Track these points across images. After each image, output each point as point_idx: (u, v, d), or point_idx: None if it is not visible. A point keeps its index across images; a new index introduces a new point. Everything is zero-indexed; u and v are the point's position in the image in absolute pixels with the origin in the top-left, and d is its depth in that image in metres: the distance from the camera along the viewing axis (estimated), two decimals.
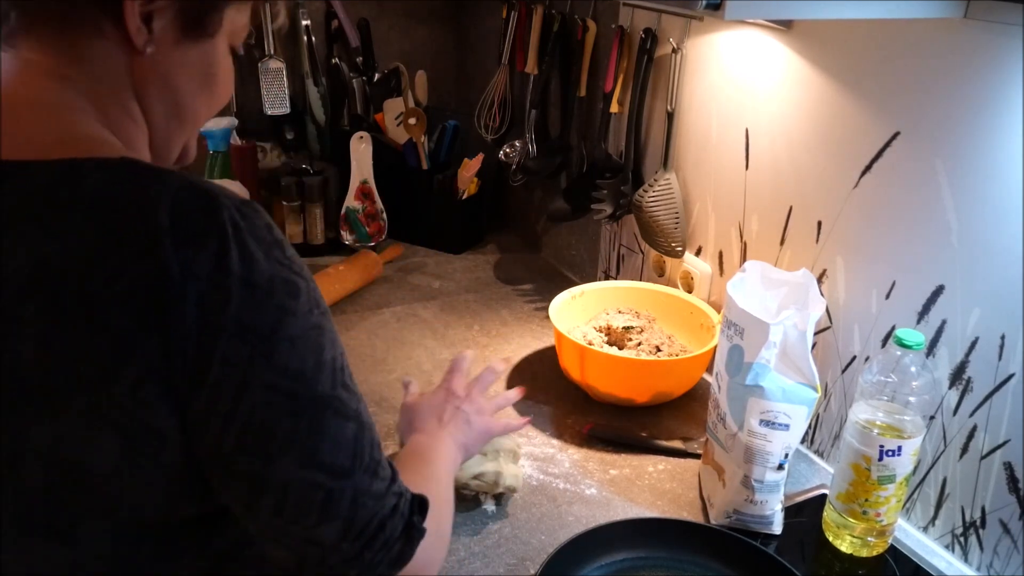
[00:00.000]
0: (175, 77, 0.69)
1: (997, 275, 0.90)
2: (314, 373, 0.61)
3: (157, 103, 0.69)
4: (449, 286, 1.69)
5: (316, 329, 0.62)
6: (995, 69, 0.87)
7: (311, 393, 0.61)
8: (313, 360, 0.61)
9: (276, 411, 0.60)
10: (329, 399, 0.62)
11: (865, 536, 0.98)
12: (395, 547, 0.67)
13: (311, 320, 0.62)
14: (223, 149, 1.64)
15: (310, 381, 0.61)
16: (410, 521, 0.68)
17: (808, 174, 1.12)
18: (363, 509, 0.64)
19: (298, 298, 0.61)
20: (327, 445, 0.62)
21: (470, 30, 2.01)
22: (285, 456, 0.61)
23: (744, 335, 0.97)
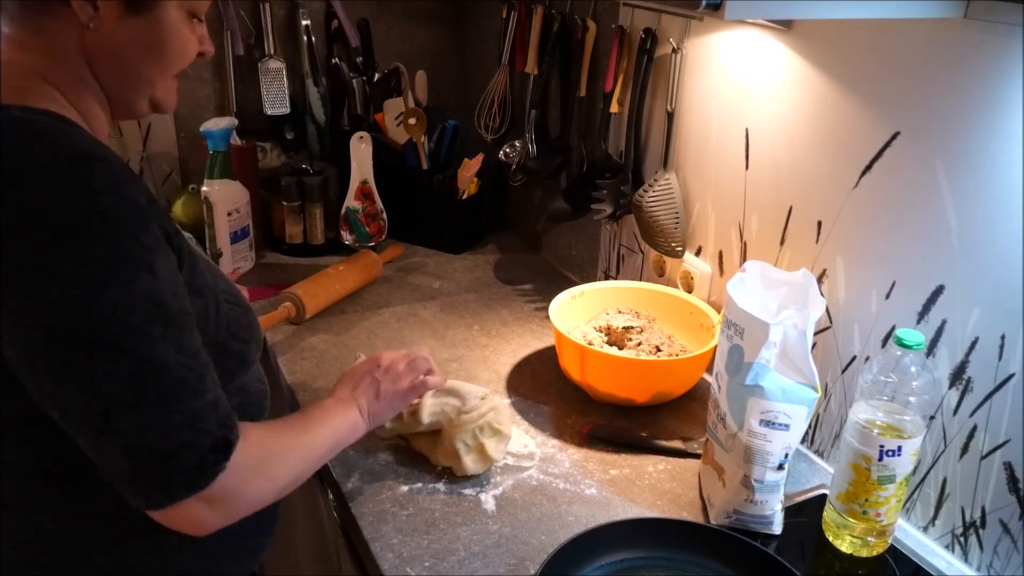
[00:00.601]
0: (122, 48, 0.80)
1: (997, 275, 0.90)
2: (86, 311, 0.70)
3: (107, 70, 0.81)
4: (449, 286, 1.69)
5: (104, 271, 0.70)
6: (995, 69, 0.87)
7: (83, 329, 0.70)
8: (88, 298, 0.70)
9: (49, 338, 0.70)
10: (102, 337, 0.71)
11: (865, 536, 0.98)
12: (187, 475, 0.75)
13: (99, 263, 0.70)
14: (223, 149, 1.64)
15: (81, 319, 0.70)
16: (205, 457, 0.76)
17: (808, 174, 1.12)
18: (145, 434, 0.73)
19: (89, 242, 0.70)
20: (100, 376, 0.71)
21: (470, 30, 2.01)
22: (62, 380, 0.71)
23: (744, 335, 0.97)
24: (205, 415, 0.76)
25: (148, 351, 0.73)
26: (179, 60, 0.84)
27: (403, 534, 1.00)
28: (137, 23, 0.79)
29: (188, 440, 0.75)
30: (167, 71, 0.84)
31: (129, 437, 0.73)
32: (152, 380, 0.73)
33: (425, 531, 1.00)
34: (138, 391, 0.73)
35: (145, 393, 0.73)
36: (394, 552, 0.97)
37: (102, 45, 0.79)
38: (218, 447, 0.77)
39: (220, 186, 1.62)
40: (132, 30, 0.79)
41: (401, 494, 1.06)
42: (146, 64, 0.82)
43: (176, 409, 0.75)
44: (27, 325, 0.71)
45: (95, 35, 0.78)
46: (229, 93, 1.82)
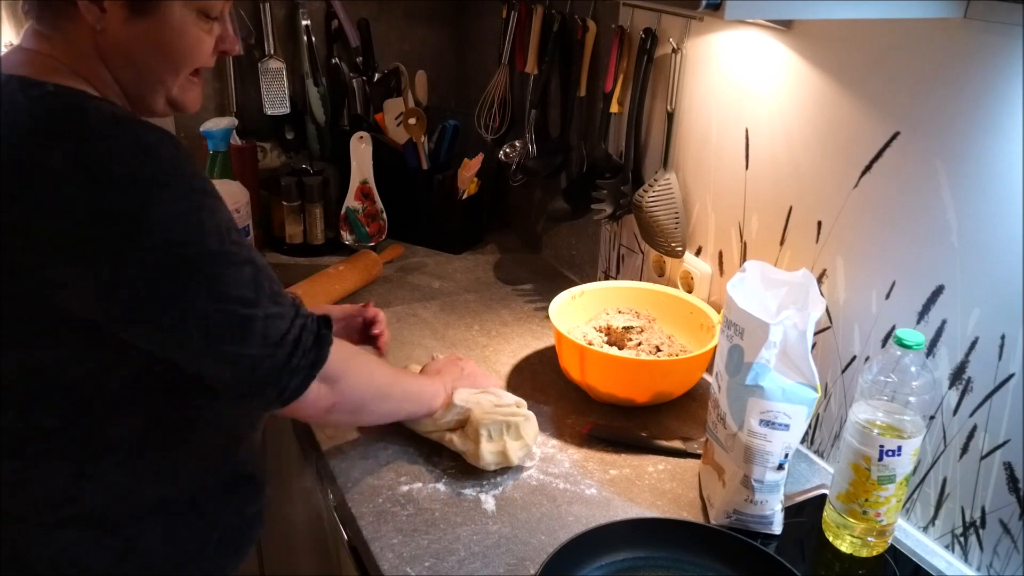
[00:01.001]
0: (130, 48, 0.83)
1: (997, 275, 0.90)
2: (198, 240, 0.77)
3: (121, 69, 0.85)
4: (449, 286, 1.69)
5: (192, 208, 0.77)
6: (995, 69, 0.87)
7: (201, 255, 0.78)
8: (193, 232, 0.77)
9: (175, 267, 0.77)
10: (220, 252, 0.79)
11: (865, 536, 0.98)
12: (311, 353, 0.87)
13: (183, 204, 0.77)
14: (223, 149, 1.64)
15: (195, 247, 0.77)
16: (319, 334, 0.88)
17: (808, 174, 1.12)
18: (274, 326, 0.83)
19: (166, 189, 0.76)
20: (230, 283, 0.80)
21: (470, 30, 2.01)
22: (196, 299, 0.78)
23: (744, 335, 0.97)
24: (298, 304, 0.88)
25: (252, 257, 0.83)
26: (188, 60, 0.87)
27: (403, 534, 1.00)
28: (142, 24, 0.82)
29: (302, 323, 0.86)
30: (177, 71, 0.87)
31: (265, 334, 0.82)
32: (264, 279, 0.83)
33: (425, 531, 1.00)
34: (260, 290, 0.82)
35: (265, 290, 0.83)
36: (394, 552, 0.97)
37: (113, 46, 0.83)
38: (321, 323, 0.89)
39: (220, 186, 1.59)
40: (138, 31, 0.82)
41: (401, 494, 1.06)
42: (156, 64, 0.85)
43: (284, 300, 0.85)
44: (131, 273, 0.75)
45: (105, 36, 0.82)
46: (229, 93, 1.82)
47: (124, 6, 0.80)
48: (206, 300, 0.78)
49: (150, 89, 0.87)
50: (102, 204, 0.73)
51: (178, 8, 0.83)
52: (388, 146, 1.81)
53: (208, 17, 0.86)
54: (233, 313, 0.80)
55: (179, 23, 0.84)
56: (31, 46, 0.83)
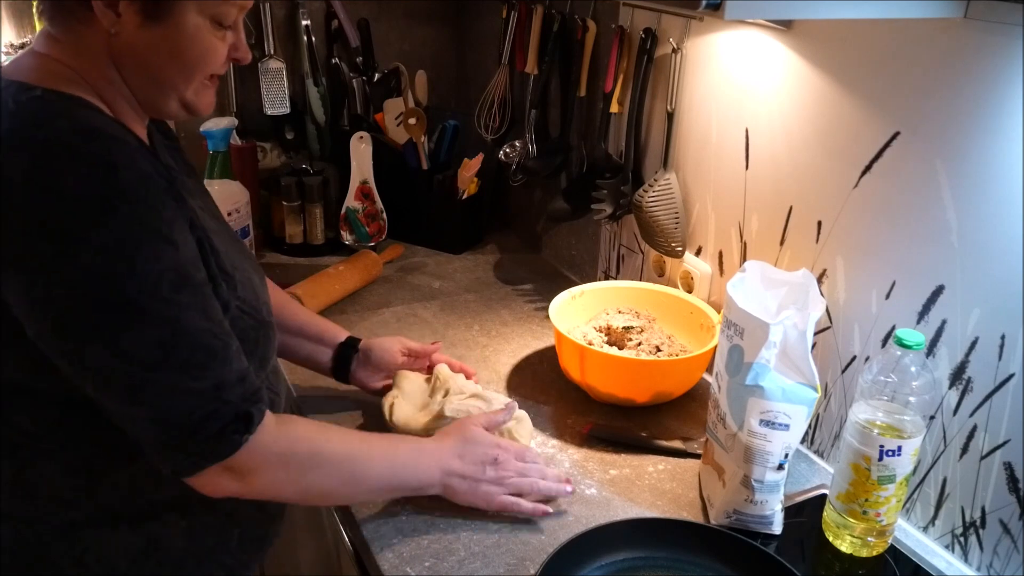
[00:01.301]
0: (144, 53, 0.83)
1: (997, 275, 0.90)
2: (121, 280, 0.74)
3: (132, 73, 0.84)
4: (449, 286, 1.69)
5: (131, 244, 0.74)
6: (995, 69, 0.87)
7: (116, 297, 0.74)
8: (121, 268, 0.73)
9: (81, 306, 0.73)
10: (136, 304, 0.74)
11: (865, 536, 0.98)
12: (209, 443, 0.80)
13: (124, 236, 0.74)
14: (223, 149, 1.64)
15: (115, 286, 0.73)
16: (225, 428, 0.80)
17: (808, 174, 1.12)
18: (173, 401, 0.77)
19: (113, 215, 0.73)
20: (133, 339, 0.75)
21: (470, 30, 2.01)
22: (93, 345, 0.74)
23: (744, 335, 0.97)
24: (230, 386, 0.80)
25: (176, 317, 0.76)
26: (201, 66, 0.86)
27: (403, 534, 1.00)
28: (157, 29, 0.82)
29: (212, 410, 0.79)
30: (190, 76, 0.86)
31: (157, 404, 0.77)
32: (181, 345, 0.77)
33: (425, 531, 1.00)
34: (167, 356, 0.76)
35: (173, 358, 0.77)
36: (394, 552, 0.97)
37: (126, 50, 0.82)
38: (240, 419, 0.81)
39: (220, 186, 1.62)
40: (152, 36, 0.82)
41: None
42: (168, 69, 0.85)
43: (202, 376, 0.78)
44: (57, 293, 0.73)
45: (118, 40, 0.82)
46: (229, 93, 1.82)
47: (139, 11, 0.80)
48: (102, 352, 0.75)
49: (162, 93, 0.87)
50: (49, 217, 0.72)
51: (192, 15, 0.82)
52: (388, 146, 1.81)
53: (221, 25, 0.86)
54: (124, 373, 0.76)
55: (193, 30, 0.83)
56: (41, 50, 0.83)
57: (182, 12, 0.82)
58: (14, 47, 1.69)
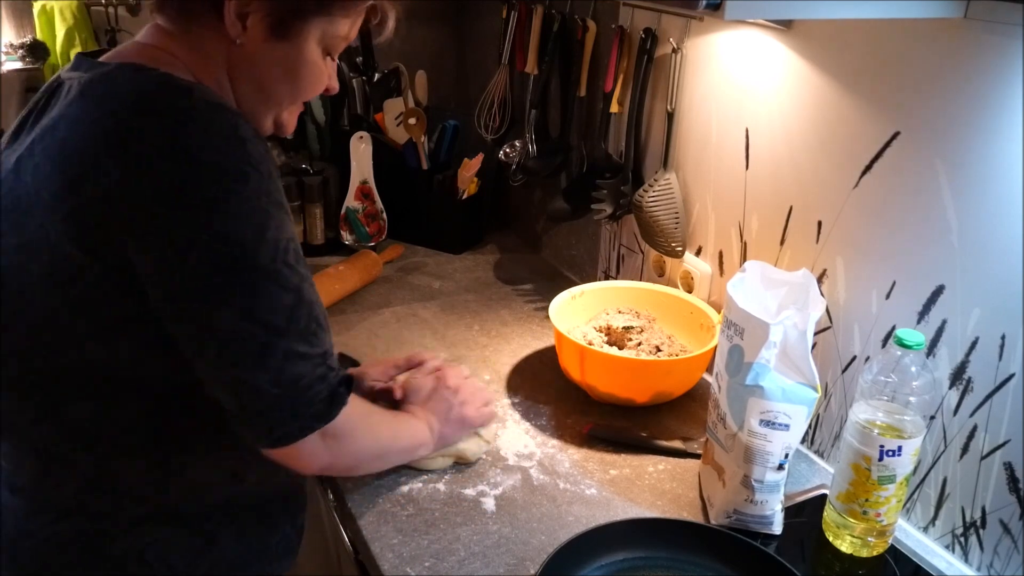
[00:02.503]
0: (260, 66, 0.86)
1: (997, 275, 0.90)
2: (254, 245, 0.75)
3: (244, 83, 0.87)
4: (449, 286, 1.69)
5: (261, 212, 0.76)
6: (995, 69, 0.87)
7: (250, 261, 0.75)
8: (253, 235, 0.75)
9: (214, 269, 0.74)
10: (267, 269, 0.76)
11: (865, 536, 0.98)
12: (320, 406, 0.82)
13: (256, 204, 0.75)
14: None
15: (248, 251, 0.75)
16: (336, 390, 0.83)
17: (808, 174, 1.12)
18: (293, 365, 0.79)
19: (246, 184, 0.75)
20: (263, 305, 0.76)
21: (470, 30, 2.01)
22: (224, 308, 0.75)
23: (744, 335, 0.97)
24: (331, 354, 0.84)
25: (301, 287, 0.79)
26: (310, 89, 0.90)
27: (403, 534, 1.00)
28: (280, 47, 0.85)
29: (323, 373, 0.82)
30: (297, 97, 0.90)
31: (280, 367, 0.78)
32: (304, 314, 0.79)
33: (425, 531, 1.00)
34: (294, 322, 0.78)
35: (299, 325, 0.79)
36: (394, 552, 0.97)
37: (244, 60, 0.85)
38: (343, 382, 0.85)
39: None
40: (274, 52, 0.85)
41: (401, 494, 1.06)
42: (280, 86, 0.88)
43: (317, 343, 0.81)
44: (191, 257, 0.74)
45: (240, 50, 0.84)
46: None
47: (267, 27, 0.83)
48: (233, 314, 0.76)
49: (264, 107, 0.89)
50: (184, 185, 0.73)
51: (313, 41, 0.86)
52: (388, 146, 1.81)
53: (329, 55, 0.89)
54: (254, 336, 0.77)
55: (310, 55, 0.86)
56: (151, 42, 0.85)
57: (307, 36, 0.85)
58: (14, 47, 1.69)
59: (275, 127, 0.92)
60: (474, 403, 1.10)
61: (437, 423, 1.05)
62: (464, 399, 1.09)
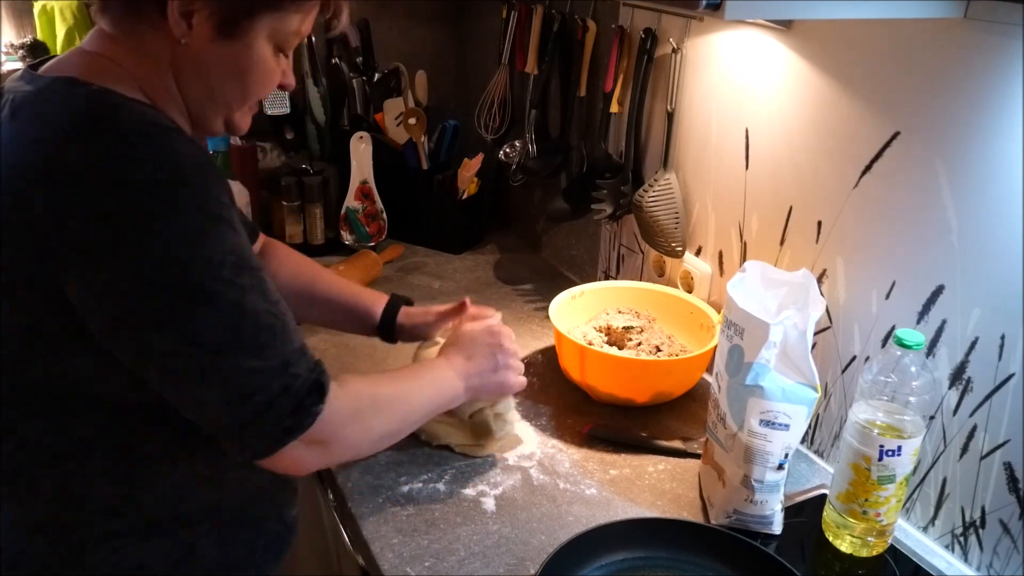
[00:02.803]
0: (208, 67, 0.83)
1: (997, 275, 0.90)
2: (185, 266, 0.73)
3: (191, 84, 0.84)
4: (449, 286, 1.68)
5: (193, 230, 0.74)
6: (995, 69, 0.87)
7: (182, 283, 0.73)
8: (184, 254, 0.73)
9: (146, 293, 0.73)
10: (201, 289, 0.74)
11: (865, 536, 0.98)
12: (287, 420, 0.79)
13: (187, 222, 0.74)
14: (223, 149, 1.64)
15: (180, 272, 0.73)
16: (302, 402, 0.80)
17: (808, 174, 1.12)
18: (244, 382, 0.76)
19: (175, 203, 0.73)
20: (200, 327, 0.74)
21: (470, 30, 2.01)
22: (160, 332, 0.74)
23: (744, 335, 0.97)
24: (296, 360, 0.80)
25: (241, 300, 0.76)
26: (260, 88, 0.87)
27: (403, 534, 1.00)
28: (226, 47, 0.82)
29: (283, 386, 0.78)
30: (247, 97, 0.87)
31: (229, 386, 0.76)
32: (247, 327, 0.76)
33: (425, 531, 1.00)
34: (235, 338, 0.76)
35: (241, 339, 0.76)
36: (394, 552, 0.97)
37: (190, 61, 0.82)
38: (313, 390, 0.81)
39: None
40: (221, 52, 0.82)
41: (401, 494, 1.06)
42: (228, 87, 0.85)
43: (270, 355, 0.78)
44: (123, 281, 0.73)
45: (185, 51, 0.81)
46: None
47: (213, 26, 0.80)
48: (169, 338, 0.74)
49: (213, 109, 0.87)
50: (116, 206, 0.72)
51: (262, 39, 0.83)
52: (388, 146, 1.81)
53: (281, 52, 0.87)
54: (193, 357, 0.75)
55: (260, 53, 0.84)
56: (93, 49, 0.82)
57: (255, 35, 0.82)
58: (14, 47, 1.69)
59: (228, 128, 0.89)
60: (515, 370, 1.08)
61: (478, 379, 1.04)
62: (510, 363, 1.08)
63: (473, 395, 1.05)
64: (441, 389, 1.01)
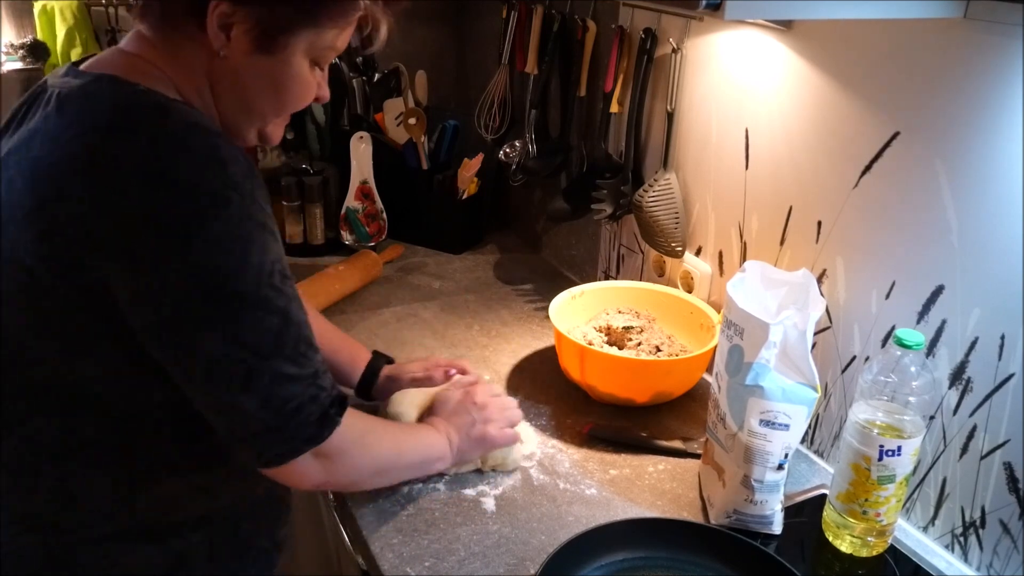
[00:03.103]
0: (244, 79, 0.83)
1: (997, 275, 0.90)
2: (237, 272, 0.74)
3: (226, 96, 0.84)
4: (449, 286, 1.69)
5: (244, 237, 0.74)
6: (995, 69, 0.87)
7: (233, 288, 0.74)
8: (236, 261, 0.74)
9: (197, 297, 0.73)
10: (252, 295, 0.75)
11: (865, 536, 0.98)
12: (311, 428, 0.81)
13: (238, 229, 0.74)
14: None
15: (232, 278, 0.74)
16: (327, 411, 0.82)
17: (808, 174, 1.12)
18: (282, 388, 0.78)
19: (227, 208, 0.73)
20: (249, 330, 0.75)
21: (470, 30, 2.01)
22: (209, 334, 0.75)
23: (744, 335, 0.97)
24: (323, 372, 0.83)
25: (287, 308, 0.78)
26: (296, 102, 0.87)
27: (403, 534, 1.00)
28: (264, 61, 0.82)
29: (314, 394, 0.81)
30: (282, 110, 0.87)
31: (268, 390, 0.77)
32: (291, 335, 0.78)
33: (425, 531, 1.00)
34: (280, 345, 0.77)
35: (285, 347, 0.78)
36: (394, 552, 0.97)
37: (227, 73, 0.82)
38: (336, 402, 0.84)
39: None
40: (258, 66, 0.82)
41: (401, 494, 1.06)
42: (264, 100, 0.85)
43: (307, 363, 0.80)
44: (172, 285, 0.73)
45: (222, 63, 0.81)
46: None
47: (251, 40, 0.80)
48: (218, 340, 0.75)
49: (247, 121, 0.87)
50: (160, 207, 0.72)
51: (300, 54, 0.83)
52: (388, 146, 1.81)
53: (318, 66, 0.86)
54: (241, 361, 0.76)
55: (297, 68, 0.83)
56: (133, 50, 0.82)
57: (292, 50, 0.82)
58: (14, 47, 1.69)
59: (260, 139, 0.90)
60: (498, 422, 1.07)
61: (457, 438, 1.04)
62: (488, 417, 1.07)
63: (460, 456, 1.05)
64: (430, 444, 1.02)
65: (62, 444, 0.83)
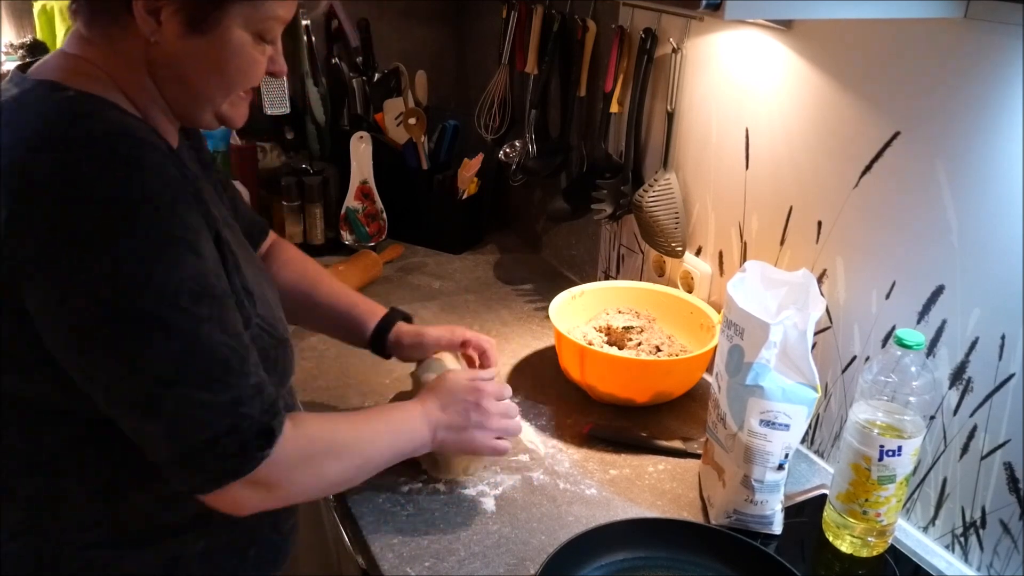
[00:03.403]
0: (183, 63, 0.80)
1: (997, 275, 0.90)
2: (139, 289, 0.71)
3: (170, 83, 0.81)
4: (449, 286, 1.68)
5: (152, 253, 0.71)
6: (995, 69, 0.87)
7: (134, 306, 0.71)
8: (141, 277, 0.71)
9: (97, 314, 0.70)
10: (153, 315, 0.71)
11: (865, 536, 0.98)
12: (230, 461, 0.76)
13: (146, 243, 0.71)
14: (223, 149, 1.64)
15: (134, 296, 0.71)
16: (248, 443, 0.77)
17: (808, 174, 1.12)
18: (190, 416, 0.74)
19: (134, 222, 0.71)
20: (149, 354, 0.72)
21: (470, 30, 2.01)
22: (108, 357, 0.72)
23: (744, 335, 0.97)
24: (248, 399, 0.77)
25: (195, 331, 0.73)
26: (241, 80, 0.84)
27: (403, 534, 1.00)
28: (199, 41, 0.79)
29: (231, 425, 0.76)
30: (230, 90, 0.84)
31: (173, 420, 0.74)
32: (198, 359, 0.74)
33: (425, 531, 1.00)
34: (184, 370, 0.73)
35: (190, 372, 0.74)
36: (394, 552, 0.97)
37: (165, 60, 0.79)
38: (262, 433, 0.78)
39: None
40: (194, 47, 0.79)
41: (401, 494, 1.06)
42: (207, 82, 0.82)
43: (220, 390, 0.75)
44: (75, 300, 0.71)
45: (157, 49, 0.79)
46: None
47: (182, 21, 0.77)
48: (115, 363, 0.72)
49: (197, 105, 0.84)
50: (69, 222, 0.70)
51: (237, 29, 0.79)
52: (388, 146, 1.81)
53: (263, 39, 0.83)
54: (139, 386, 0.73)
55: (237, 44, 0.80)
56: (72, 51, 0.80)
57: (227, 26, 0.79)
58: (14, 47, 1.68)
59: (221, 121, 0.86)
60: (489, 432, 1.01)
61: (444, 432, 0.98)
62: (482, 422, 1.00)
63: (439, 448, 1.00)
64: (408, 437, 0.97)
65: (35, 456, 0.81)
